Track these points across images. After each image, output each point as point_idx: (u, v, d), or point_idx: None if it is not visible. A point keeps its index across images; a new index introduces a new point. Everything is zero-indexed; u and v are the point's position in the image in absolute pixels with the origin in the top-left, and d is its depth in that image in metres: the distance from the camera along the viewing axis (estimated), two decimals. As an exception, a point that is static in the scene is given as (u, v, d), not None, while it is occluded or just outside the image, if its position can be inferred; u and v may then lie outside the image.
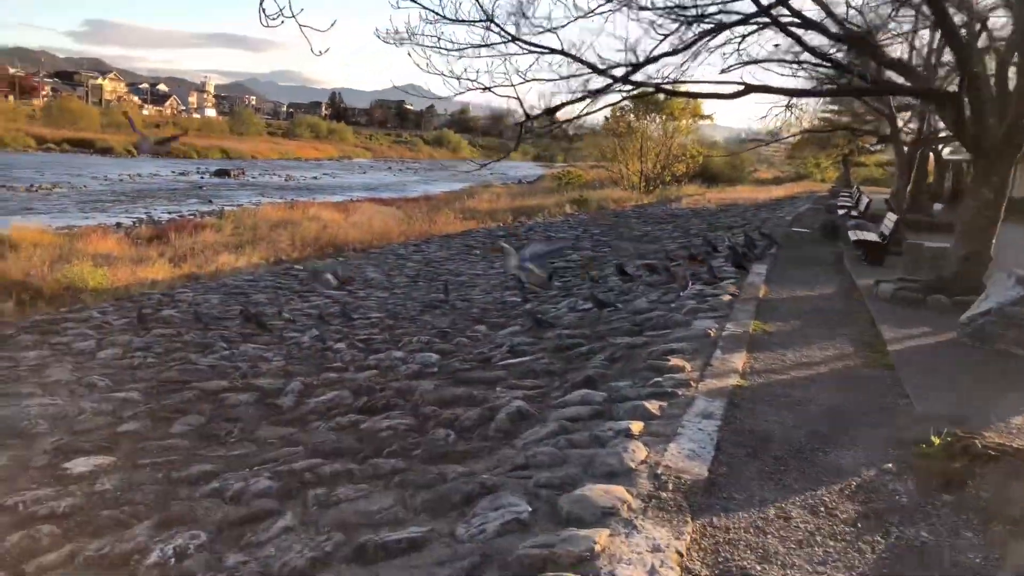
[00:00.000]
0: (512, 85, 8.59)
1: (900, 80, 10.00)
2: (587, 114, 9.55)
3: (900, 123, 20.12)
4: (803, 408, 5.13)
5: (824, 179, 66.41)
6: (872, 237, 13.64)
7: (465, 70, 10.92)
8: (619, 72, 8.42)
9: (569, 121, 10.40)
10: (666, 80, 8.94)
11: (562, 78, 8.83)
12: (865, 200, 21.57)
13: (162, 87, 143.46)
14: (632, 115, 53.14)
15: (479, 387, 6.47)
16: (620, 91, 9.03)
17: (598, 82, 8.55)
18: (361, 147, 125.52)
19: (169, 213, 30.70)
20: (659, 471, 3.83)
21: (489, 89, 8.41)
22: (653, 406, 4.84)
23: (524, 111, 9.02)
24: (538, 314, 9.93)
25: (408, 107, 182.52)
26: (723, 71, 9.58)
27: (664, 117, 52.70)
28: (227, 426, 6.13)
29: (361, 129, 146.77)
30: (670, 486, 3.68)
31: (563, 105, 8.99)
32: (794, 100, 15.56)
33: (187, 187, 45.61)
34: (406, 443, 5.01)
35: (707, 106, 52.00)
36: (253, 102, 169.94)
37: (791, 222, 22.33)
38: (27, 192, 36.47)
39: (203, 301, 12.54)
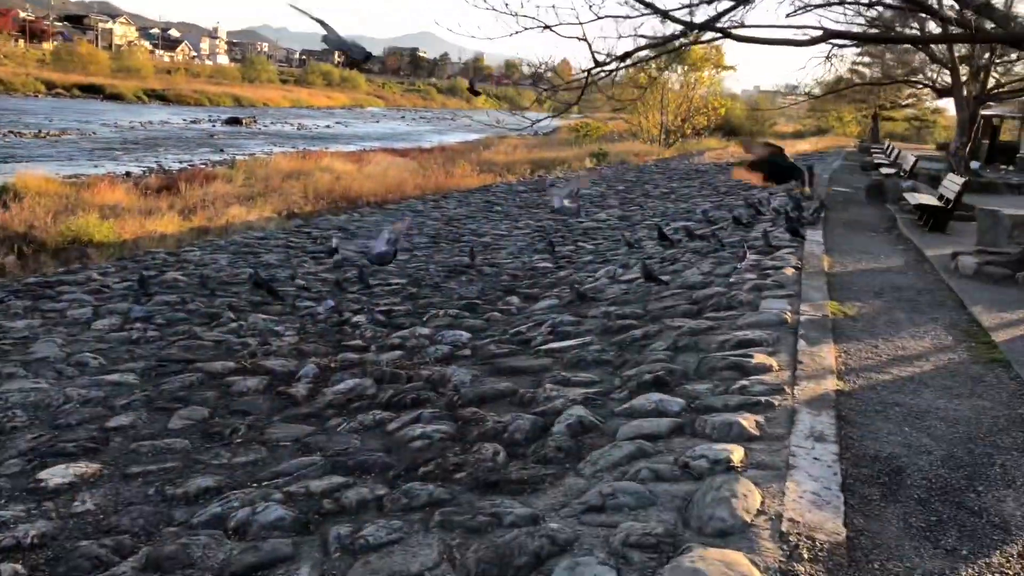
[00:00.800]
0: (580, 23, 7.52)
1: (990, 26, 8.89)
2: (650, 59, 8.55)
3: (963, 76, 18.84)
4: (926, 423, 4.23)
5: (847, 133, 65.07)
6: (931, 200, 12.61)
7: (523, 5, 9.84)
8: (682, 14, 7.39)
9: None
10: (734, 25, 7.88)
11: (641, 14, 7.77)
12: (911, 158, 20.39)
13: (173, 32, 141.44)
14: (653, 64, 51.81)
15: (523, 379, 5.59)
16: (687, 38, 8.00)
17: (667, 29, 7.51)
18: (374, 95, 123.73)
19: (180, 162, 29.74)
20: (784, 527, 2.95)
21: (551, 28, 7.39)
22: (748, 422, 3.94)
23: (594, 57, 7.95)
24: (577, 284, 9.00)
25: (422, 55, 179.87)
26: (790, 15, 8.53)
27: (686, 68, 51.28)
28: (233, 421, 5.29)
29: (374, 77, 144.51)
30: (804, 554, 2.80)
31: (636, 50, 7.97)
32: (835, 51, 14.50)
33: (198, 135, 44.53)
34: (446, 461, 4.14)
35: (730, 56, 50.51)
36: (265, 49, 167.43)
37: (827, 181, 21.22)
38: (35, 138, 35.51)
39: (211, 262, 11.68)
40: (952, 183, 12.35)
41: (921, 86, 27.11)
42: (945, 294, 7.57)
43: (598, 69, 7.88)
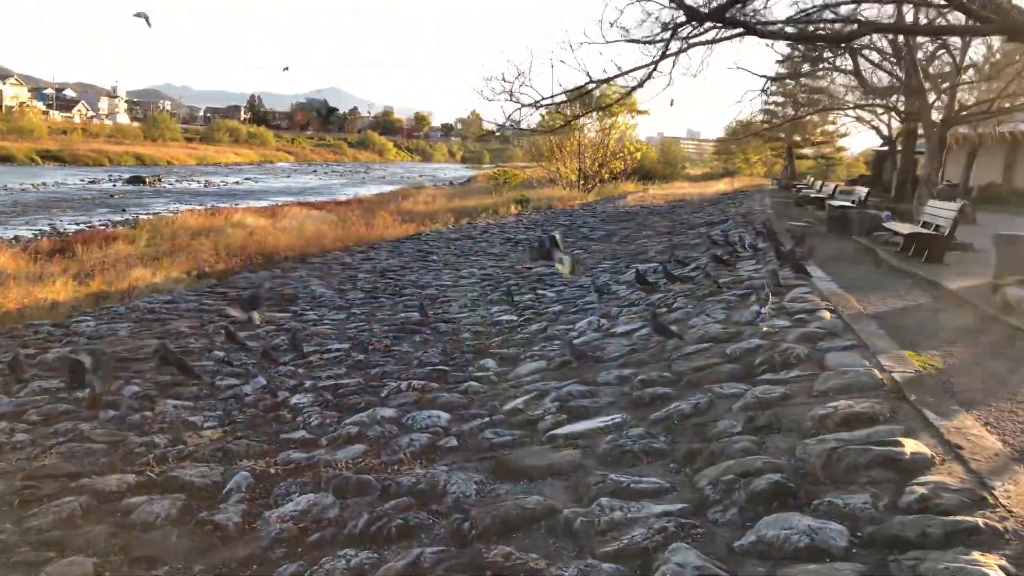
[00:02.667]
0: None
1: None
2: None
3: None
4: None
5: (753, 173, 66.30)
6: (919, 230, 11.60)
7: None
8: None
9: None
10: (760, 22, 6.60)
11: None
12: (862, 190, 19.69)
13: (69, 92, 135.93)
14: (569, 111, 52.34)
15: (552, 486, 3.98)
16: (704, 33, 6.70)
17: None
18: (283, 151, 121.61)
19: (77, 224, 27.34)
20: None
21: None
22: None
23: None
24: (569, 341, 7.42)
25: (331, 110, 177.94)
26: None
27: (601, 113, 51.55)
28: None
29: (283, 133, 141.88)
30: None
31: (663, 57, 6.64)
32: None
33: (98, 196, 41.79)
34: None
35: (643, 103, 51.06)
36: (168, 107, 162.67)
37: (773, 217, 20.37)
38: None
39: (108, 333, 9.71)
40: (941, 209, 11.37)
41: (882, 111, 26.82)
42: (1021, 337, 6.30)
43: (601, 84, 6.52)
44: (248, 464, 4.95)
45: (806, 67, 26.24)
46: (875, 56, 21.06)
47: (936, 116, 16.69)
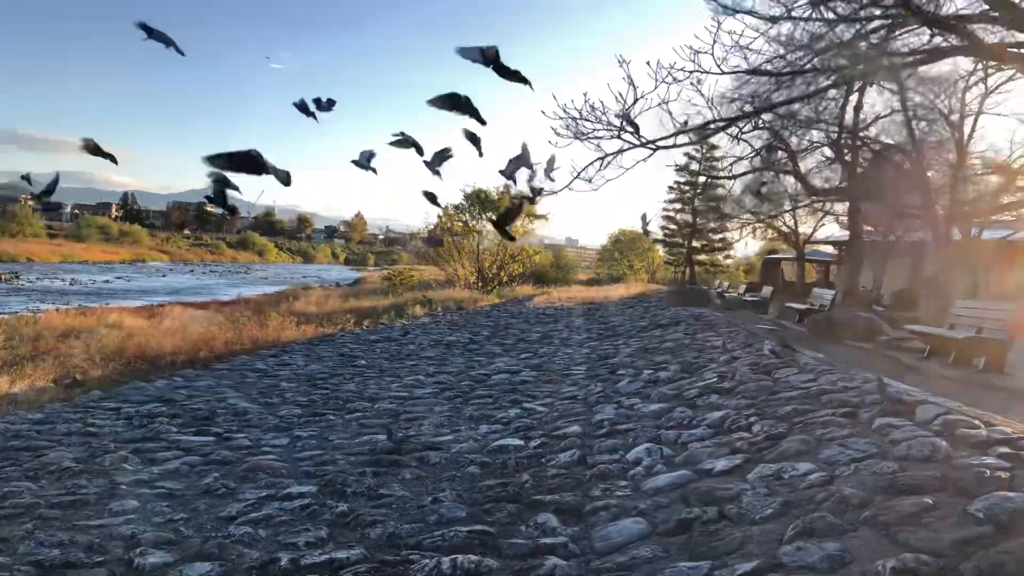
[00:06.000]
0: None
1: None
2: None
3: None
4: None
5: (638, 279, 67.06)
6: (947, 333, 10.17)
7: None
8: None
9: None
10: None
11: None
12: (829, 293, 18.57)
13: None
14: (467, 214, 52.06)
15: None
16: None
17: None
18: (157, 250, 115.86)
19: (-98, 330, 23.15)
20: None
21: None
22: None
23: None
24: (658, 485, 5.20)
25: (209, 209, 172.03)
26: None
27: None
28: None
29: (158, 232, 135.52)
30: None
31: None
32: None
33: (-59, 294, 36.96)
34: None
35: (541, 207, 51.26)
36: (30, 202, 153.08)
37: (727, 319, 19.00)
38: None
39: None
40: (988, 310, 9.96)
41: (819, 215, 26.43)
42: None
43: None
44: None
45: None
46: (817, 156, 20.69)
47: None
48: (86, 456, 7.37)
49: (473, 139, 4.25)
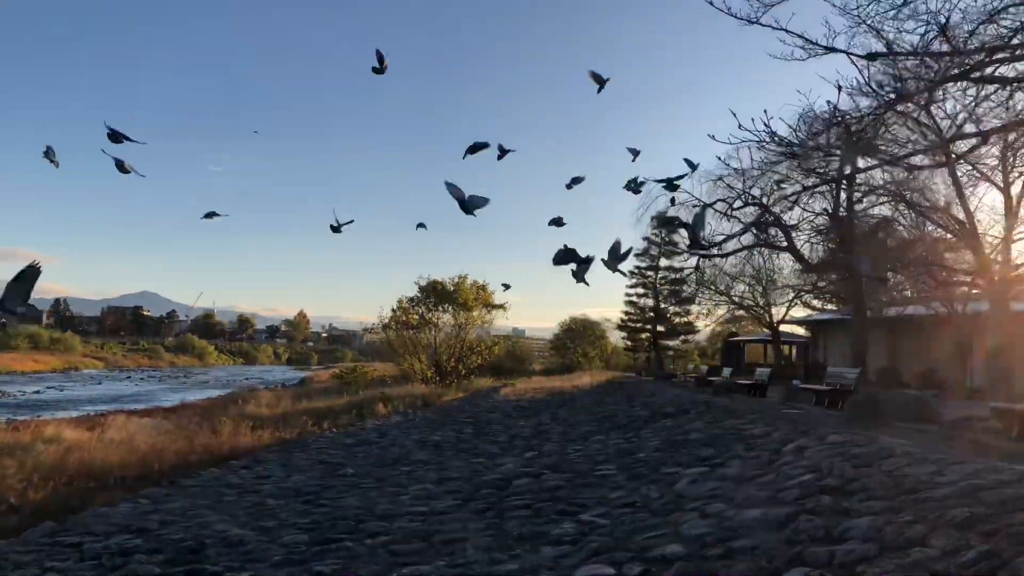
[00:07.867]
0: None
1: None
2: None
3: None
4: None
5: (591, 368, 66.33)
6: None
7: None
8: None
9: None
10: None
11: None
12: (850, 373, 17.28)
13: None
14: (424, 307, 50.57)
15: None
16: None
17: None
18: (91, 357, 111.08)
19: None
20: None
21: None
22: None
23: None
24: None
25: (145, 313, 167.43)
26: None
27: (456, 308, 50.27)
28: None
29: (91, 338, 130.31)
30: None
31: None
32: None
33: None
34: None
35: (499, 296, 50.38)
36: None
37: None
38: None
39: None
40: None
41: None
42: None
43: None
44: None
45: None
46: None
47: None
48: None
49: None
